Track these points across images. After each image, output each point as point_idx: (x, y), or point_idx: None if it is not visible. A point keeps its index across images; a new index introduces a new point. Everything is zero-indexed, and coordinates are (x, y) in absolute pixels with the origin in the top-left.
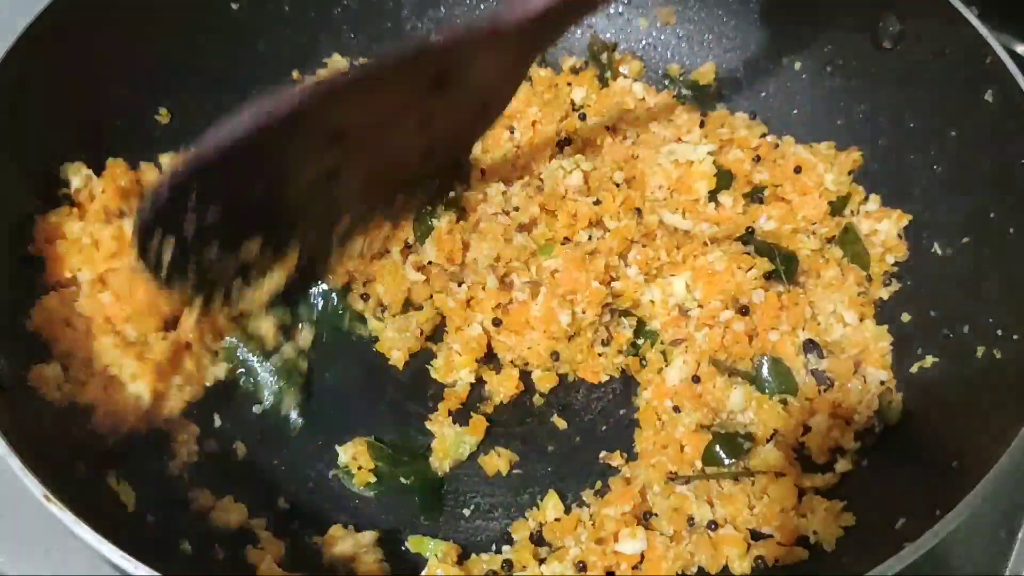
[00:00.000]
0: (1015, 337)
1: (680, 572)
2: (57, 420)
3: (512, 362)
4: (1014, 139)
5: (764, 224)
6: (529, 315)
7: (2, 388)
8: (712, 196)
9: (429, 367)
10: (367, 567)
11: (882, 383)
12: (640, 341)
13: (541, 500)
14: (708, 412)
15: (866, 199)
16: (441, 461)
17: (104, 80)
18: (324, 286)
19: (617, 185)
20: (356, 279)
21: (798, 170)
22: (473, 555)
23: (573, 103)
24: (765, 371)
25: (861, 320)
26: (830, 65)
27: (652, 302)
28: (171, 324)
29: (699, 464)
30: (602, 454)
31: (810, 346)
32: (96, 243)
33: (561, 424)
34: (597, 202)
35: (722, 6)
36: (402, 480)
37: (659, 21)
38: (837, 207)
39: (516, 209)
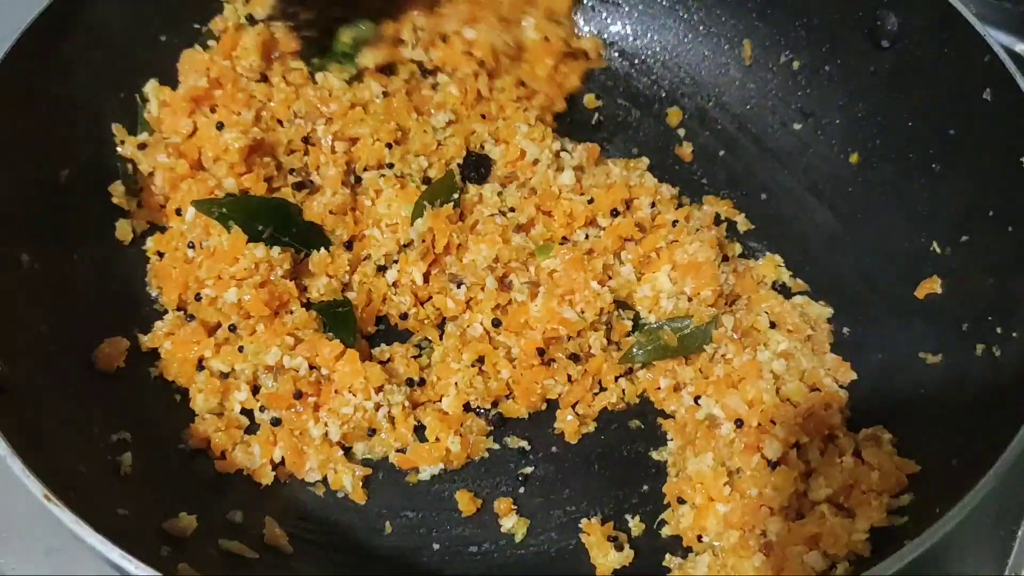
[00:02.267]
0: (1015, 336)
1: None
2: (57, 420)
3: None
4: (1014, 139)
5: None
6: (528, 315)
7: (2, 388)
8: None
9: None
10: None
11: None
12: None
13: None
14: None
15: None
16: None
17: (103, 81)
18: None
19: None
20: None
21: None
22: None
23: None
24: None
25: None
26: (829, 64)
27: (646, 298)
28: None
29: None
30: None
31: None
32: None
33: None
34: (591, 201)
35: (722, 6)
36: None
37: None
38: None
39: (512, 210)
